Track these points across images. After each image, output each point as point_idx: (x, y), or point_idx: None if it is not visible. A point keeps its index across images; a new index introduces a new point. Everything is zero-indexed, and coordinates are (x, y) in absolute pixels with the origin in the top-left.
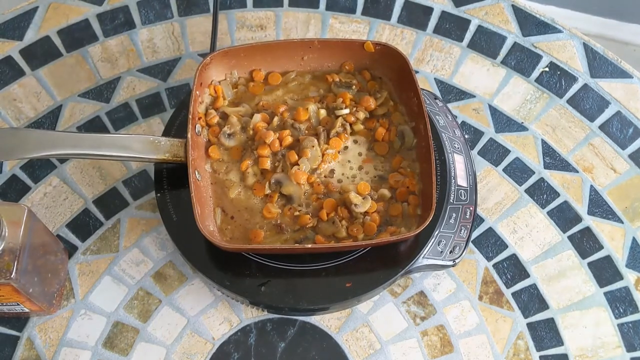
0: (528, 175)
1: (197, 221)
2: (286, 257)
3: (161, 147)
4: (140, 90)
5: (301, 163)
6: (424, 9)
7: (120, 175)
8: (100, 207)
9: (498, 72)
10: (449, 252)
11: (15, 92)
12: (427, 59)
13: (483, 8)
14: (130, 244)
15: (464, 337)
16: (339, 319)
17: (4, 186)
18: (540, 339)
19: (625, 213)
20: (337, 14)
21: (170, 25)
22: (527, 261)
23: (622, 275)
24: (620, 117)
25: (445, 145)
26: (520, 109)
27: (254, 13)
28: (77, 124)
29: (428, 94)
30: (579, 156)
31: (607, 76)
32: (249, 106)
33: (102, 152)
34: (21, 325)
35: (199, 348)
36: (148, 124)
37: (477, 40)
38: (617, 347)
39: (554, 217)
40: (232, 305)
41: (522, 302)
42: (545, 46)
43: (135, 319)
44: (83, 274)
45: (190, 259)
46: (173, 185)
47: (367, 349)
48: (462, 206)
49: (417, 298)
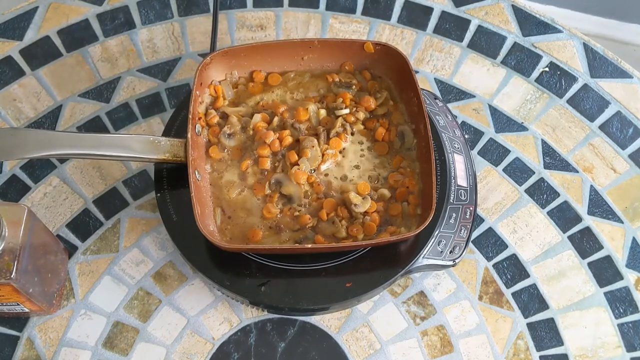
0: (528, 175)
1: (197, 221)
2: (286, 257)
3: (161, 147)
4: (141, 90)
5: (301, 163)
6: (424, 9)
7: (121, 175)
8: (100, 207)
9: (498, 72)
10: (449, 252)
11: (15, 92)
12: (427, 59)
13: (483, 8)
14: (130, 244)
15: (464, 337)
16: (339, 319)
17: (4, 186)
18: (540, 339)
19: (625, 213)
20: (337, 14)
21: (170, 25)
22: (527, 261)
23: (622, 275)
24: (620, 117)
25: (445, 145)
26: (520, 109)
27: (254, 13)
28: (77, 124)
29: (428, 94)
30: (579, 156)
31: (607, 76)
32: (249, 106)
33: (102, 152)
34: (21, 325)
35: (199, 348)
36: (148, 124)
37: (477, 40)
38: (617, 347)
39: (554, 217)
40: (232, 305)
41: (522, 302)
42: (545, 46)
43: (135, 319)
44: (83, 274)
45: (190, 259)
46: (173, 185)
47: (367, 349)
48: (462, 206)
49: (417, 298)
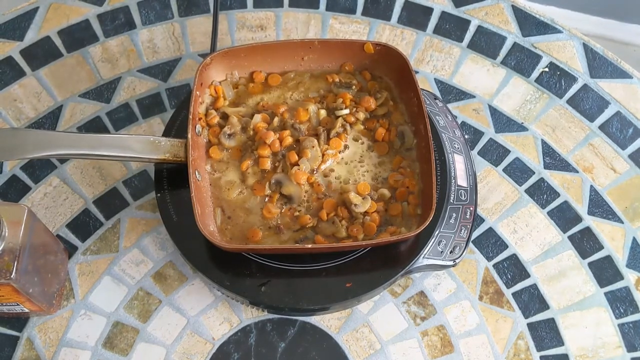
0: (528, 175)
1: (198, 221)
2: (286, 257)
3: (161, 148)
4: (141, 90)
5: (301, 163)
6: (424, 10)
7: (121, 176)
8: (101, 207)
9: (498, 72)
10: (449, 252)
11: (15, 92)
12: (427, 59)
13: (483, 8)
14: (130, 244)
15: (464, 337)
16: (339, 319)
17: (4, 186)
18: (540, 339)
19: (625, 213)
20: (337, 15)
21: (170, 26)
22: (528, 261)
23: (623, 275)
24: (620, 117)
25: (445, 145)
26: (520, 109)
27: (254, 13)
28: (78, 124)
29: (428, 94)
30: (579, 156)
31: (606, 76)
32: (249, 106)
33: (102, 153)
34: (21, 325)
35: (199, 348)
36: (148, 124)
37: (477, 40)
38: (618, 347)
39: (554, 217)
40: (232, 305)
41: (522, 302)
42: (545, 46)
43: (135, 319)
44: (83, 274)
45: (190, 259)
46: (173, 186)
47: (367, 349)
48: (462, 206)
49: (418, 298)
